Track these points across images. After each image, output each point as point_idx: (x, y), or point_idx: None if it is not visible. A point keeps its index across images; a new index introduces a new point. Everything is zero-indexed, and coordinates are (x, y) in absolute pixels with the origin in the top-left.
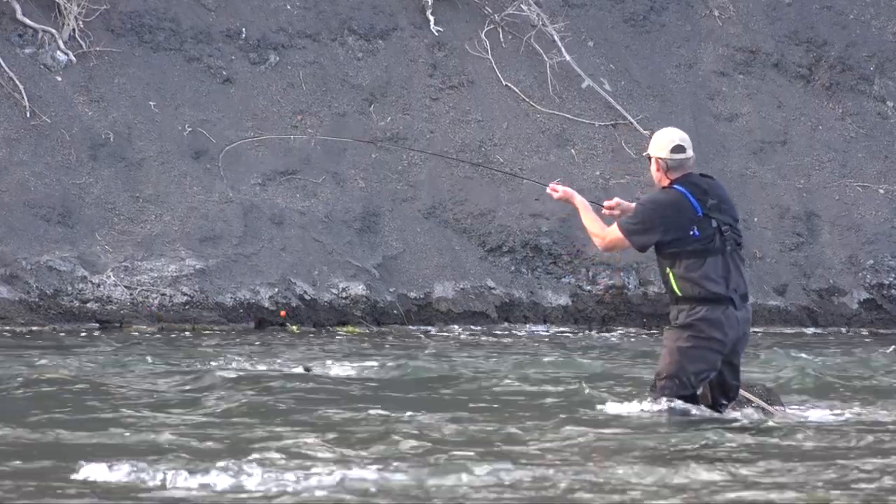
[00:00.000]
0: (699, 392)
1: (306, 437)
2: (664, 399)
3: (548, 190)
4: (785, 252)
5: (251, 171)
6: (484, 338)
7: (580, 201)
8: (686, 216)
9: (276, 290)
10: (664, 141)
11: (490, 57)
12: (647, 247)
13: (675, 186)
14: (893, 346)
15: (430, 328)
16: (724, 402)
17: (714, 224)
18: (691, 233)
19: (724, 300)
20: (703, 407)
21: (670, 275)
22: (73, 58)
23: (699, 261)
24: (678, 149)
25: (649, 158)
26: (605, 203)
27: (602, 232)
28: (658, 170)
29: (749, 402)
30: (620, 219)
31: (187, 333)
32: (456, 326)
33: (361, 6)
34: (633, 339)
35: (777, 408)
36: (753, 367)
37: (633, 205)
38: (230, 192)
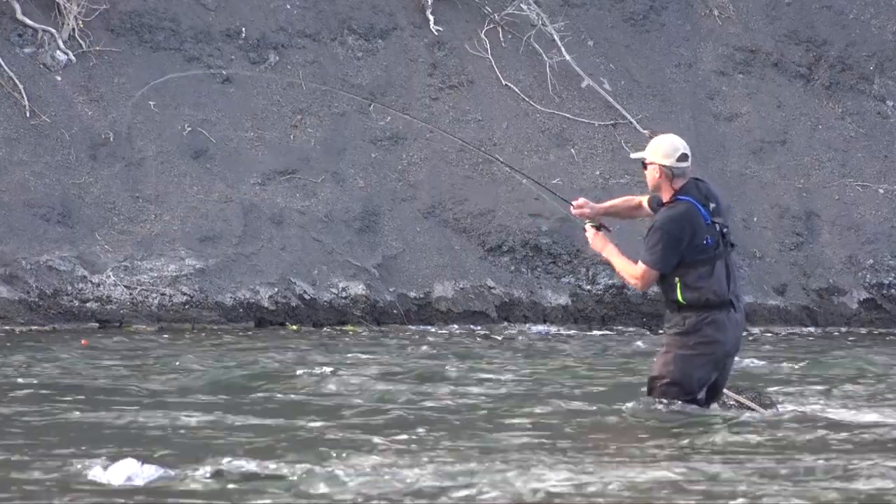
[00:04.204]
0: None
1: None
2: (665, 400)
3: (573, 211)
4: (785, 252)
5: (251, 171)
6: (480, 338)
7: (610, 249)
8: (701, 227)
9: (276, 289)
10: (668, 149)
11: (490, 56)
12: (674, 265)
13: (682, 198)
14: None
15: (430, 327)
16: (711, 402)
17: (718, 228)
18: (705, 241)
19: (726, 304)
20: (700, 408)
21: (677, 283)
22: (73, 57)
23: (709, 267)
24: (683, 157)
25: (645, 164)
26: (574, 202)
27: (637, 274)
28: (661, 177)
29: (741, 404)
30: (642, 255)
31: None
32: (455, 326)
33: (361, 6)
34: (632, 339)
35: (771, 410)
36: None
37: (602, 205)
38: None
